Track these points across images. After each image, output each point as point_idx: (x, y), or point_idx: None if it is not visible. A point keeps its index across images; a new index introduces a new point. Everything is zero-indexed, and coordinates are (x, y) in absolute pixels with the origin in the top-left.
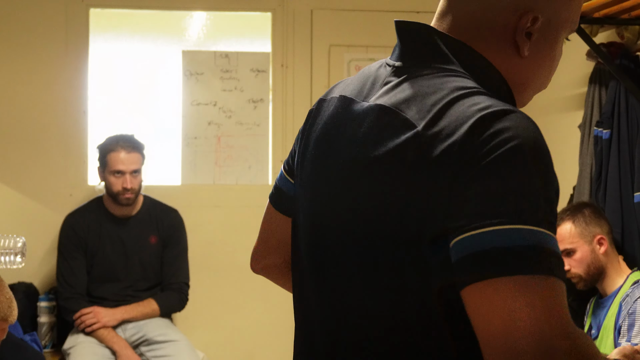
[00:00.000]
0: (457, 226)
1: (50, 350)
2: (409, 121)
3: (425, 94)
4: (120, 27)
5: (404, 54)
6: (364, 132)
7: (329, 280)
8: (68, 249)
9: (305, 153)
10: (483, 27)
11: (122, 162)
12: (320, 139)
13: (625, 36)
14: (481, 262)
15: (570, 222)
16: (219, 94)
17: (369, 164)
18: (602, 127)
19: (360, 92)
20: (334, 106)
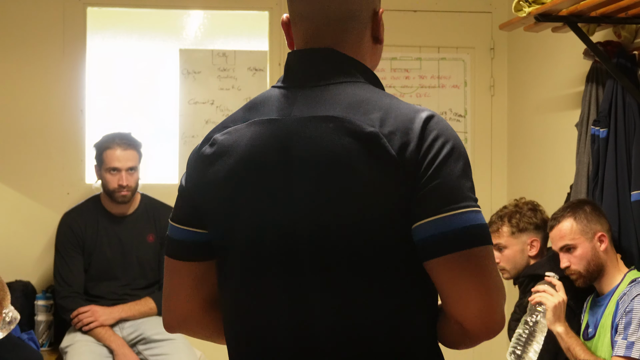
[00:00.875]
0: (427, 212)
1: (48, 348)
2: (360, 127)
3: (359, 101)
4: (118, 25)
5: (302, 72)
6: (321, 141)
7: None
8: (65, 248)
9: (242, 181)
10: (353, 34)
11: (117, 159)
12: (259, 160)
13: (622, 35)
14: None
15: (571, 219)
16: (217, 92)
17: (340, 170)
18: (599, 125)
19: (268, 113)
20: (252, 131)
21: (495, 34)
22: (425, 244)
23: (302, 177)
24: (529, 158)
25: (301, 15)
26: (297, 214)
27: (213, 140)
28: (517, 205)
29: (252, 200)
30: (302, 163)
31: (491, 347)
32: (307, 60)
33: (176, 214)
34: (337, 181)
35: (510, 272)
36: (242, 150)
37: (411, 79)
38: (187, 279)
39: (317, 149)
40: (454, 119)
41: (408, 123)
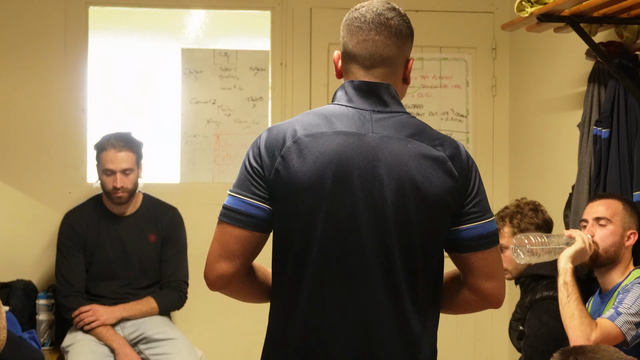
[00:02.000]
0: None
1: (49, 348)
2: (432, 149)
3: (420, 129)
4: (120, 25)
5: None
6: (402, 157)
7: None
8: (67, 247)
9: (331, 181)
10: (395, 74)
11: (111, 161)
12: (349, 165)
13: (624, 35)
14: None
15: (621, 203)
16: (218, 92)
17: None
18: (601, 126)
19: (349, 127)
20: (339, 140)
21: (497, 34)
22: (476, 240)
23: (389, 184)
24: (530, 158)
25: (360, 53)
26: (386, 219)
27: (297, 138)
28: (518, 205)
29: (341, 198)
30: (388, 172)
31: (492, 347)
32: (372, 90)
33: (242, 188)
34: (423, 188)
35: (512, 272)
36: (332, 154)
37: (413, 78)
38: (239, 244)
39: (399, 163)
40: (455, 119)
41: (458, 150)
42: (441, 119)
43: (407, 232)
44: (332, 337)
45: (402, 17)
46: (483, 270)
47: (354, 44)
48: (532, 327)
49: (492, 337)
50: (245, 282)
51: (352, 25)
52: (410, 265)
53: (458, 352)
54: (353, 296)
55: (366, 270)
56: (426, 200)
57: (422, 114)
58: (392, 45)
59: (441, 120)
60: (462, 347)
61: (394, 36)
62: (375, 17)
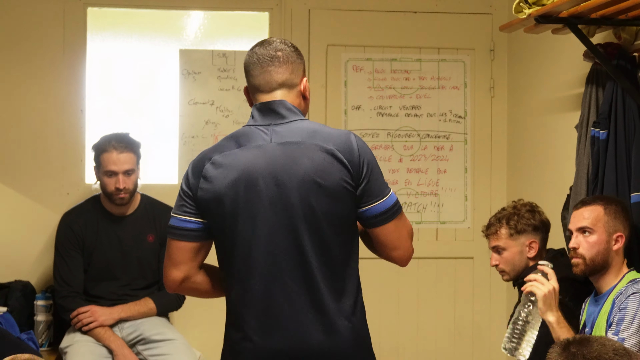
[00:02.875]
0: (371, 199)
1: (47, 349)
2: (323, 147)
3: (313, 130)
4: (118, 26)
5: (270, 116)
6: (308, 156)
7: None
8: (65, 248)
9: (245, 188)
10: (292, 93)
11: (114, 162)
12: (255, 172)
13: (622, 37)
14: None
15: (601, 207)
16: (217, 93)
17: (318, 174)
18: (599, 127)
19: (255, 141)
20: (246, 154)
21: (496, 36)
22: (374, 218)
23: (290, 182)
24: (528, 160)
25: (260, 83)
26: (293, 210)
27: (214, 160)
28: (515, 206)
29: (253, 200)
30: (288, 173)
31: (490, 349)
32: (269, 107)
33: (178, 209)
34: (322, 180)
35: (510, 274)
36: (240, 167)
37: (411, 80)
38: (187, 254)
39: (296, 163)
40: (453, 120)
41: (347, 143)
42: (439, 120)
43: (313, 218)
44: (275, 311)
45: (289, 47)
46: (388, 242)
47: (254, 77)
48: None
49: (491, 339)
50: (193, 282)
51: (250, 64)
52: (321, 247)
53: (456, 353)
54: (265, 284)
55: (282, 256)
56: (324, 189)
57: (421, 115)
58: (283, 71)
59: (439, 121)
60: (460, 349)
61: (284, 64)
62: (266, 53)
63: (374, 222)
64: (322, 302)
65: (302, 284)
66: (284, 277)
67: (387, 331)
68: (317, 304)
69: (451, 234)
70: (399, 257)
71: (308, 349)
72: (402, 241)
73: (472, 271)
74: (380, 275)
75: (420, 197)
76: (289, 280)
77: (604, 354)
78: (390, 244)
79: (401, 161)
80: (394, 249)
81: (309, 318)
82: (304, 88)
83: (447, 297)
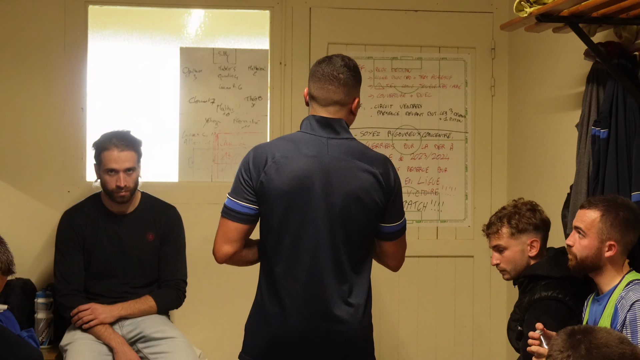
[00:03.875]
0: (393, 220)
1: (48, 346)
2: (369, 169)
3: (362, 152)
4: (119, 24)
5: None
6: (357, 174)
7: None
8: (65, 246)
9: (299, 188)
10: (344, 110)
11: (114, 160)
12: (310, 179)
13: (623, 36)
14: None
15: (599, 213)
16: (217, 91)
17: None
18: (600, 126)
19: (312, 150)
20: (304, 161)
21: (496, 34)
22: (387, 235)
23: (338, 192)
24: (529, 158)
25: (318, 96)
26: (335, 215)
27: (275, 159)
28: (515, 205)
29: (306, 199)
30: (338, 183)
31: (490, 348)
32: (328, 123)
33: (237, 194)
34: (364, 198)
35: (511, 273)
36: (299, 171)
37: (412, 78)
38: (240, 233)
39: (346, 177)
40: (454, 119)
41: (387, 169)
42: (440, 119)
43: (349, 223)
44: (315, 294)
45: (350, 71)
46: (389, 253)
47: (315, 88)
48: (530, 328)
49: (491, 338)
50: (240, 255)
51: (314, 76)
52: (348, 244)
53: (457, 353)
54: (311, 263)
55: (320, 247)
56: (362, 203)
57: (421, 114)
58: (340, 93)
59: (440, 120)
60: (460, 348)
61: (342, 86)
62: (329, 72)
63: (386, 237)
64: (343, 295)
65: (333, 278)
66: (324, 270)
67: (387, 329)
68: (341, 295)
69: (451, 232)
70: (394, 265)
71: (332, 330)
72: (399, 254)
73: (472, 270)
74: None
75: (421, 196)
76: (326, 273)
77: (610, 341)
78: (391, 254)
79: (402, 160)
80: (392, 259)
81: (336, 306)
82: (355, 106)
83: (447, 296)
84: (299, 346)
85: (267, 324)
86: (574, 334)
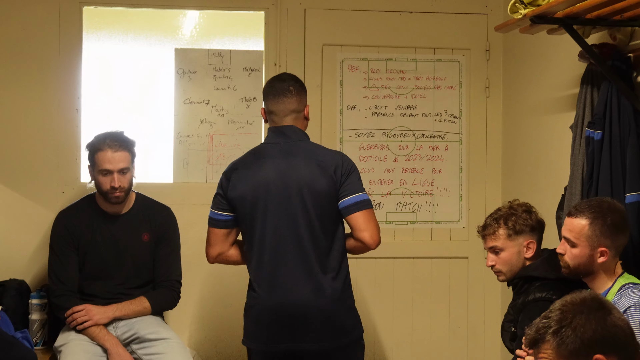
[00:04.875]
0: (347, 194)
1: (42, 347)
2: (316, 159)
3: (312, 149)
4: (114, 25)
5: (281, 137)
6: (305, 167)
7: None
8: (60, 246)
9: (256, 186)
10: (299, 117)
11: (109, 161)
12: (266, 175)
13: (617, 37)
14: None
15: (587, 222)
16: (212, 92)
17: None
18: (594, 127)
19: (270, 155)
20: (263, 165)
21: (491, 36)
22: (347, 208)
23: (292, 187)
24: (523, 160)
25: (275, 109)
26: (293, 208)
27: (239, 170)
28: (511, 207)
29: (266, 199)
30: (292, 179)
31: (484, 349)
32: (281, 131)
33: (216, 206)
34: (313, 185)
35: (507, 274)
36: (258, 176)
37: (406, 79)
38: (219, 237)
39: (298, 172)
40: (449, 120)
41: (337, 161)
42: (435, 120)
43: (307, 214)
44: (278, 276)
45: (297, 83)
46: (358, 226)
47: (272, 104)
48: (524, 329)
49: (485, 339)
50: (227, 255)
51: (270, 94)
52: (312, 234)
53: (451, 354)
54: (279, 255)
55: (285, 240)
56: (316, 193)
57: (416, 115)
58: (294, 102)
59: (434, 121)
60: (454, 348)
61: (294, 96)
62: (281, 87)
63: (348, 210)
64: (311, 272)
65: (298, 259)
66: (286, 254)
67: (382, 330)
68: (308, 273)
69: (446, 233)
70: (368, 237)
71: (299, 303)
72: (369, 225)
73: (467, 271)
74: (375, 274)
75: (415, 197)
76: (289, 257)
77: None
78: (359, 226)
79: (396, 161)
80: (363, 231)
81: (301, 283)
82: (307, 112)
83: (441, 297)
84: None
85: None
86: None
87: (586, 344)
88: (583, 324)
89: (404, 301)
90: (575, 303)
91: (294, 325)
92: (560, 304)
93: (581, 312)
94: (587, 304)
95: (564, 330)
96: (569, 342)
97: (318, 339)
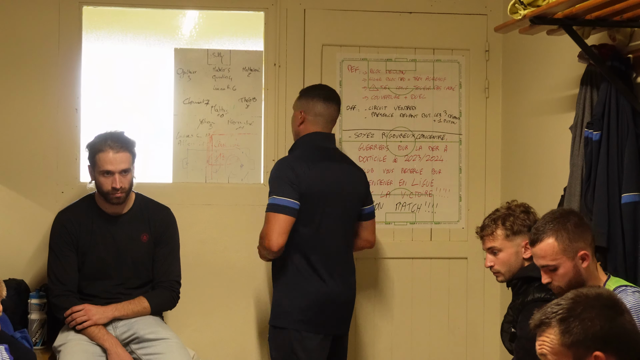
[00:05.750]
0: (370, 202)
1: (41, 347)
2: (359, 173)
3: (348, 157)
4: (113, 25)
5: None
6: (348, 172)
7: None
8: (59, 246)
9: (328, 184)
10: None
11: (110, 162)
12: (333, 176)
13: (616, 38)
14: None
15: (552, 238)
16: (212, 92)
17: (356, 184)
18: (593, 128)
19: (327, 159)
20: (322, 167)
21: (491, 36)
22: (367, 215)
23: (347, 188)
24: (523, 160)
25: (320, 115)
26: (345, 205)
27: (309, 164)
28: (509, 207)
29: (330, 195)
30: (347, 182)
31: (483, 349)
32: (327, 137)
33: (288, 194)
34: (357, 190)
35: (505, 275)
36: (328, 174)
37: (406, 80)
38: (290, 225)
39: (350, 177)
40: (448, 121)
41: (362, 171)
42: (434, 121)
43: (349, 215)
44: (330, 256)
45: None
46: (371, 229)
47: (322, 107)
48: (523, 329)
49: (484, 339)
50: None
51: (319, 96)
52: (348, 232)
53: (450, 354)
54: (333, 241)
55: (336, 235)
56: (356, 197)
57: (415, 116)
58: (337, 111)
59: (434, 122)
60: (454, 349)
61: (339, 106)
62: (331, 93)
63: (369, 216)
64: (351, 266)
65: (345, 255)
66: (339, 248)
67: (381, 330)
68: (351, 266)
69: (445, 234)
70: (372, 239)
71: (350, 294)
72: (374, 231)
73: (466, 271)
74: (374, 274)
75: (415, 197)
76: (342, 252)
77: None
78: (371, 229)
79: (396, 161)
80: (372, 233)
81: (348, 274)
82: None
83: (441, 297)
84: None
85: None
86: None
87: (590, 339)
88: (592, 319)
89: (403, 301)
90: (590, 296)
91: (342, 314)
92: (575, 294)
93: (593, 306)
94: (601, 300)
95: (572, 320)
96: (574, 332)
97: (347, 326)
